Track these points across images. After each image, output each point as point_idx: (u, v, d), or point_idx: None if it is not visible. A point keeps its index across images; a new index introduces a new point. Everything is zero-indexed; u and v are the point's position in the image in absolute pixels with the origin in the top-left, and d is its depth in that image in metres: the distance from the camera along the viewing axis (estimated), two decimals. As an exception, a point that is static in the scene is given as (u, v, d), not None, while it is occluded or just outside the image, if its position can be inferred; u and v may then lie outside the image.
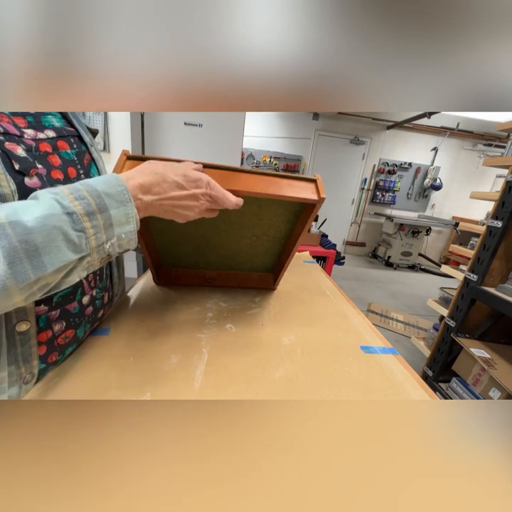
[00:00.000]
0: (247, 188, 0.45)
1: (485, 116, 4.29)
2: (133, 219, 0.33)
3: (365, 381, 0.46)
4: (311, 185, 0.50)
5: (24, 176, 0.32)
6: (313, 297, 0.77)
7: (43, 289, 0.28)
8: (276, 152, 4.76)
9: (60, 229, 0.27)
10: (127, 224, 0.33)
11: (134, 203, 0.33)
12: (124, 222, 0.32)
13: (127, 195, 0.32)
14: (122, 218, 0.32)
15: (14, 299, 0.26)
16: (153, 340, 0.51)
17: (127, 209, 0.32)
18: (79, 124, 0.46)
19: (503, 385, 1.24)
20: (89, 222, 0.29)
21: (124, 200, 0.32)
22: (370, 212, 5.23)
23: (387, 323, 2.68)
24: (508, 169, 1.40)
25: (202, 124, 2.57)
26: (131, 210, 0.33)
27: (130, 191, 0.33)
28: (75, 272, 0.30)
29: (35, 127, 0.37)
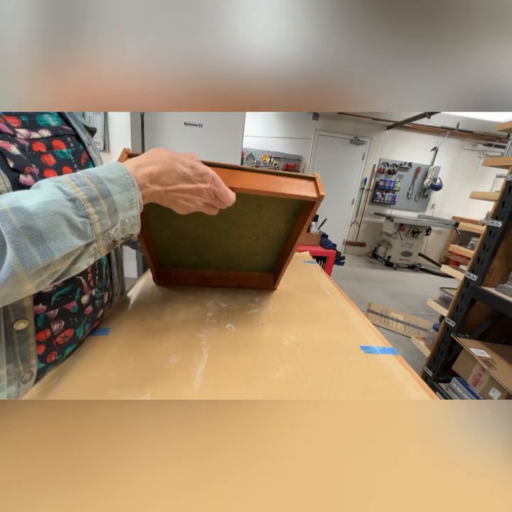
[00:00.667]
0: (246, 185, 0.45)
1: (485, 116, 4.29)
2: (136, 204, 0.33)
3: (365, 381, 0.46)
4: (311, 183, 0.50)
5: (19, 174, 0.32)
6: (313, 297, 0.77)
7: (52, 276, 0.28)
8: (276, 152, 4.76)
9: (63, 215, 0.27)
10: (131, 209, 0.32)
11: (142, 191, 0.33)
12: (127, 207, 0.32)
13: (129, 180, 0.32)
14: (126, 203, 0.32)
15: (26, 286, 0.26)
16: (153, 340, 0.51)
17: (131, 194, 0.32)
18: (76, 123, 0.46)
19: (503, 385, 1.24)
20: (92, 208, 0.29)
21: (127, 185, 0.32)
22: (370, 212, 5.23)
23: (387, 323, 2.68)
24: (508, 169, 1.40)
25: (202, 124, 2.57)
26: (135, 195, 0.32)
27: (139, 179, 0.33)
28: (83, 259, 0.30)
29: (29, 127, 0.37)
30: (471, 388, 1.45)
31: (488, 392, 1.37)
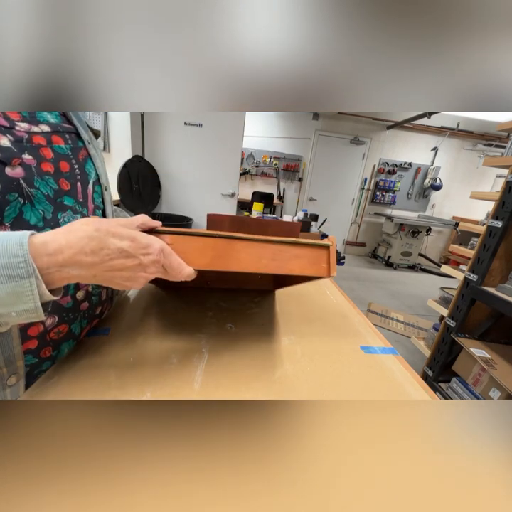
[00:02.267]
0: (240, 267, 0.36)
1: (485, 116, 4.29)
2: (31, 297, 0.26)
3: (365, 381, 0.46)
4: (322, 253, 0.41)
5: (5, 166, 0.32)
6: (313, 297, 0.77)
7: None
8: (276, 152, 4.76)
9: None
10: (19, 304, 0.26)
11: (51, 275, 0.27)
12: (11, 302, 0.25)
13: (24, 270, 0.25)
14: (9, 298, 0.25)
15: None
16: (153, 340, 0.51)
17: (19, 286, 0.25)
18: (78, 122, 0.46)
19: (503, 385, 1.24)
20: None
21: (17, 276, 0.25)
22: (370, 212, 5.23)
23: (387, 323, 2.68)
24: (508, 169, 1.40)
25: (202, 124, 2.57)
26: (28, 287, 0.25)
27: (44, 263, 0.26)
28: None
29: (30, 121, 0.37)
30: (471, 388, 1.45)
31: (488, 392, 1.37)
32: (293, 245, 0.39)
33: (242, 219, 1.31)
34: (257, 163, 4.69)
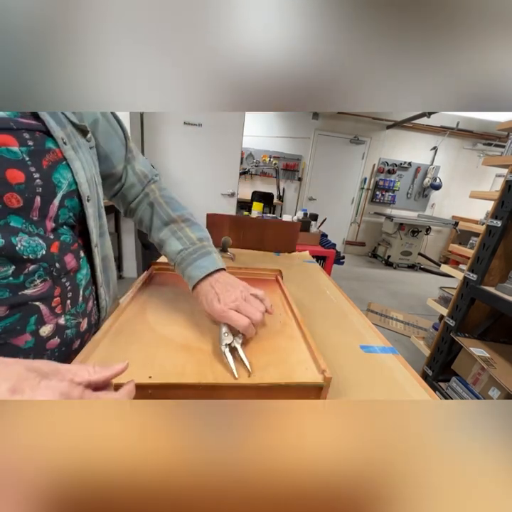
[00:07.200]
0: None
1: (485, 116, 4.30)
2: None
3: (364, 380, 0.46)
4: (314, 392, 0.38)
5: None
6: (313, 297, 0.77)
7: None
8: (275, 152, 4.76)
9: None
10: None
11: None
12: None
13: None
14: None
15: None
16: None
17: None
18: (51, 116, 0.36)
19: (502, 384, 1.24)
20: None
21: None
22: (370, 211, 5.24)
23: (386, 323, 2.68)
24: (507, 168, 1.40)
25: (201, 124, 2.57)
26: None
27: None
28: None
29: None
30: (471, 387, 1.46)
31: (487, 391, 1.38)
32: (281, 390, 0.37)
33: (242, 219, 1.32)
34: (257, 163, 4.69)
